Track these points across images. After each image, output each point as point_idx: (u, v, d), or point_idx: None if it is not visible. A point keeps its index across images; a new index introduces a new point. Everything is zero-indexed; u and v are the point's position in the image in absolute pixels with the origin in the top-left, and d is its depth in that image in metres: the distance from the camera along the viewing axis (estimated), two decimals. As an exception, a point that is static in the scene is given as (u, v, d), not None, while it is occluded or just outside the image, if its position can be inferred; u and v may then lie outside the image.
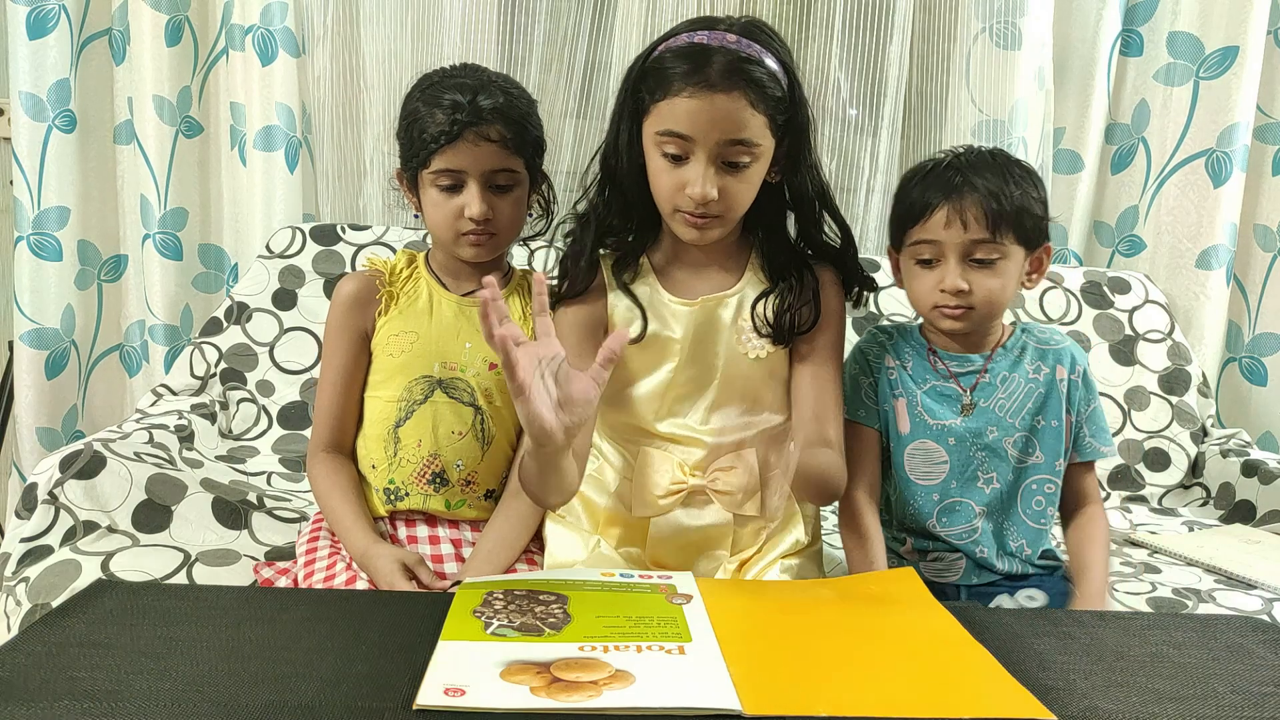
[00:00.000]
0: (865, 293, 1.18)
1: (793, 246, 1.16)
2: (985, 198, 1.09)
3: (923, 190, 1.13)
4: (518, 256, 1.93)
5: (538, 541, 1.19)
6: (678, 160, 1.02)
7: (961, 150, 1.16)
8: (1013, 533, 1.20)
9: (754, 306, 1.12)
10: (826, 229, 1.15)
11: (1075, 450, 1.20)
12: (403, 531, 1.15)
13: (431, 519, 1.18)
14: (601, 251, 1.15)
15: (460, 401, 1.16)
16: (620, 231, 1.14)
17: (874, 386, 1.20)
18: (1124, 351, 1.99)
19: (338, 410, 1.19)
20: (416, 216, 1.21)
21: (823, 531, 1.28)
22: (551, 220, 1.23)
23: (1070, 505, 1.22)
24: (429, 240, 1.29)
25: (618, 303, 1.13)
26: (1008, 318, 1.24)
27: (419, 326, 1.17)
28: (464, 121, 1.09)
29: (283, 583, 1.18)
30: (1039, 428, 1.18)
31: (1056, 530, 1.25)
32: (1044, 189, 1.15)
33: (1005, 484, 1.19)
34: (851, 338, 1.26)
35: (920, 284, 1.15)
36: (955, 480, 1.19)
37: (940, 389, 1.19)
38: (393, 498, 1.15)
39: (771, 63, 1.02)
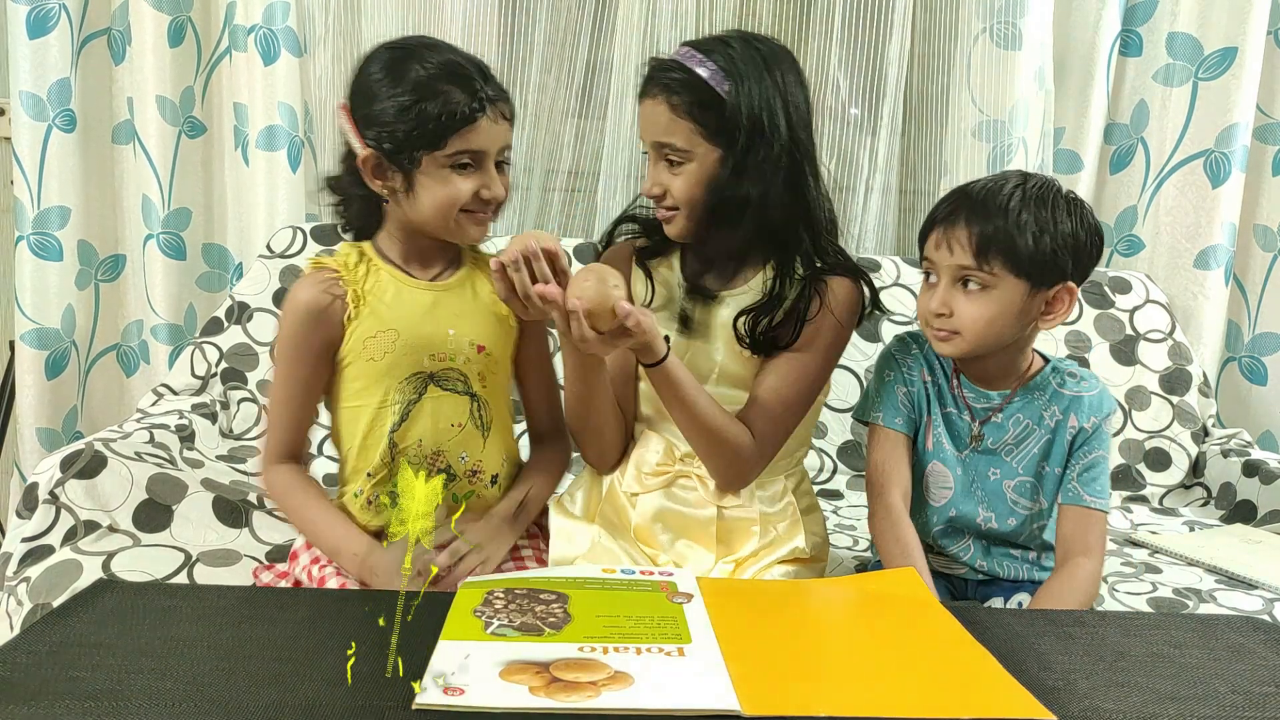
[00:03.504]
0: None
1: (783, 260, 1.15)
2: (974, 224, 1.06)
3: (933, 211, 1.13)
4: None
5: (545, 539, 1.20)
6: (650, 158, 1.15)
7: (993, 176, 1.12)
8: (1009, 567, 1.22)
9: (738, 318, 1.14)
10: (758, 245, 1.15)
11: (1059, 490, 1.17)
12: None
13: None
14: (636, 241, 1.24)
15: (455, 392, 1.12)
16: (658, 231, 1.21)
17: (909, 396, 1.19)
18: (1125, 351, 1.99)
19: (296, 422, 1.13)
20: (383, 202, 1.11)
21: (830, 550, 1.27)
22: None
23: (1058, 553, 1.15)
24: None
25: (637, 277, 1.21)
26: (1051, 347, 1.21)
27: (397, 322, 1.09)
28: (486, 99, 1.05)
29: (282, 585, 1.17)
30: (1044, 474, 1.17)
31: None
32: (1072, 229, 1.07)
33: (1004, 526, 1.19)
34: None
35: (919, 302, 1.14)
36: (955, 509, 1.20)
37: (954, 417, 1.18)
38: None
39: (705, 70, 1.08)
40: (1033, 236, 1.05)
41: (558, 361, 1.21)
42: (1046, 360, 1.19)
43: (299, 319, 1.09)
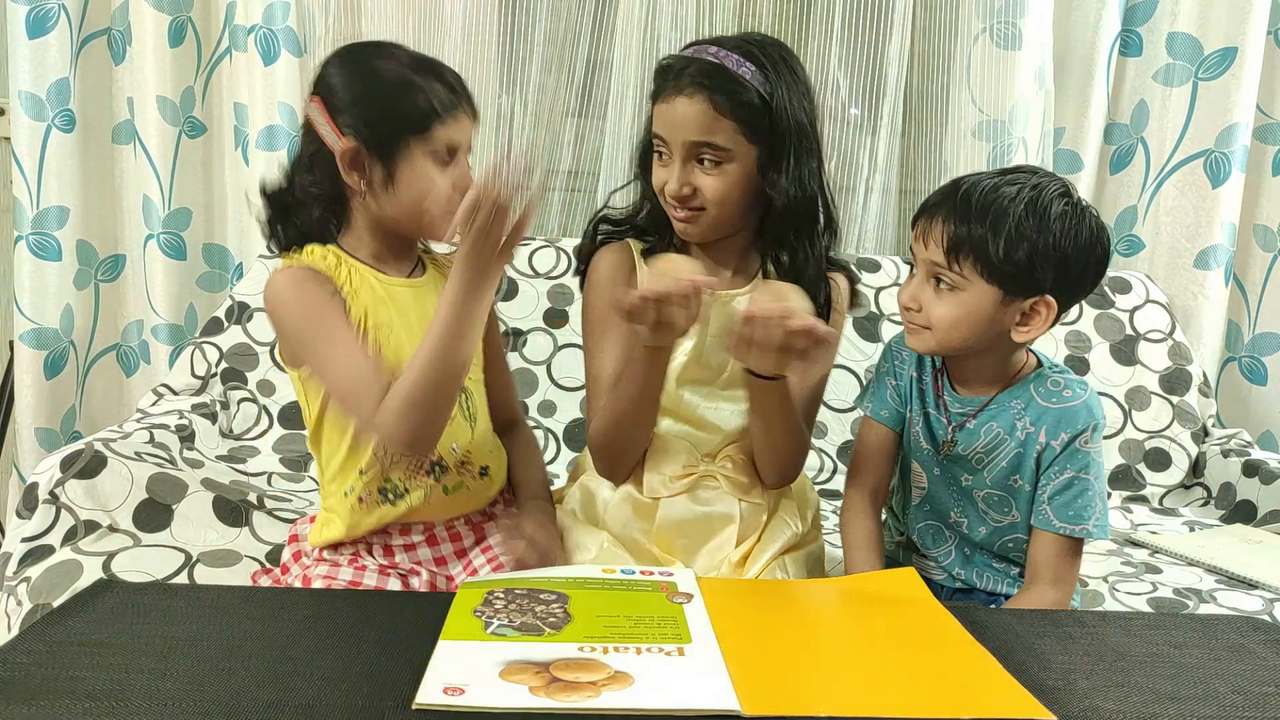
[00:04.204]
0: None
1: (805, 258, 1.16)
2: (950, 221, 1.02)
3: (927, 198, 1.10)
4: (518, 256, 1.93)
5: None
6: (663, 159, 1.13)
7: (1004, 170, 1.08)
8: (989, 578, 1.17)
9: None
10: (806, 244, 1.15)
11: (1032, 511, 1.11)
12: (398, 539, 1.14)
13: (428, 524, 1.16)
14: (629, 240, 1.22)
15: None
16: (652, 230, 1.21)
17: (897, 390, 1.18)
18: (1125, 351, 1.99)
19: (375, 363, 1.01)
20: (348, 203, 1.06)
21: (823, 531, 1.29)
22: None
23: (1026, 576, 1.11)
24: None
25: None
26: (1051, 347, 1.16)
27: (389, 318, 1.07)
28: (463, 93, 1.07)
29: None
30: (1016, 488, 1.11)
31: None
32: (1058, 241, 1.00)
33: (976, 533, 1.15)
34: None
35: (899, 291, 1.12)
36: (930, 505, 1.18)
37: (932, 418, 1.15)
38: (391, 496, 1.10)
39: (746, 71, 1.08)
40: (1008, 242, 0.99)
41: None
42: (1040, 365, 1.13)
43: (309, 278, 1.03)
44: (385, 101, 1.03)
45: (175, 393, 1.76)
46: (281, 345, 1.13)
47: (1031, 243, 0.99)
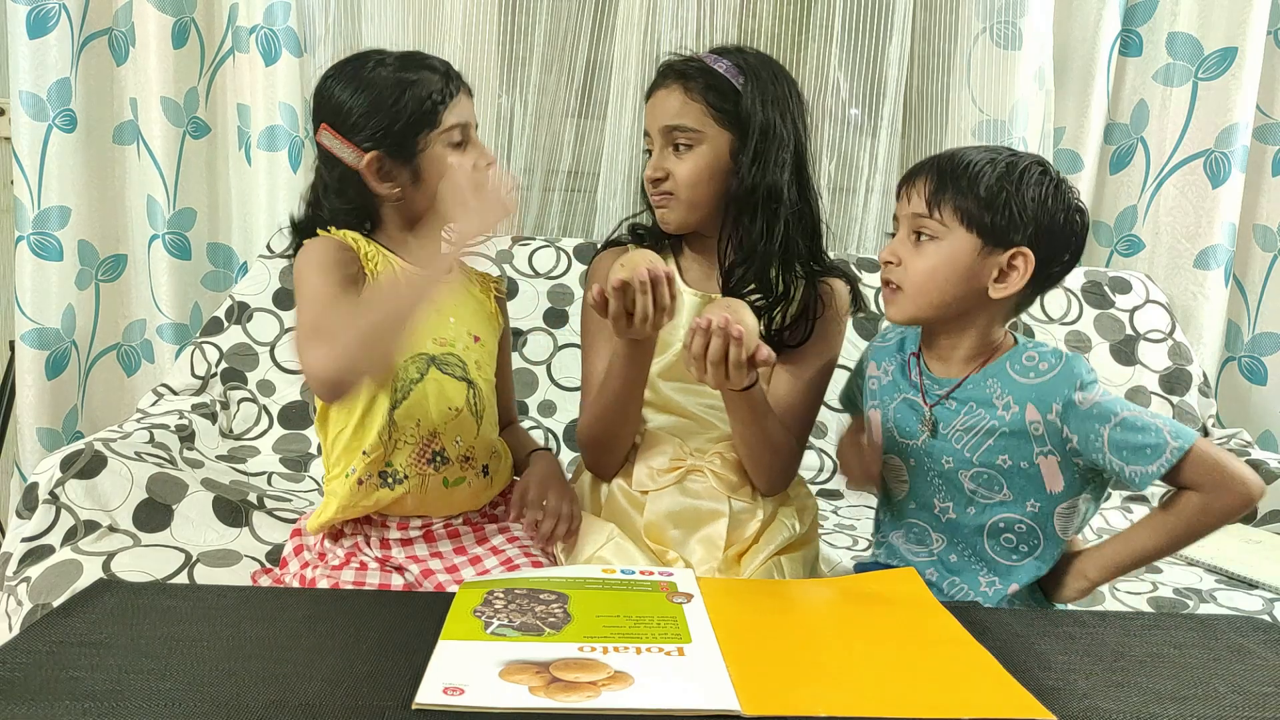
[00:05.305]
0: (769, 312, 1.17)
1: (759, 240, 1.17)
2: (933, 174, 1.05)
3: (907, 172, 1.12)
4: (518, 256, 1.93)
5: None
6: (650, 156, 1.18)
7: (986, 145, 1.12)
8: (980, 568, 1.10)
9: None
10: (765, 229, 1.16)
11: (1129, 486, 1.01)
12: (395, 532, 1.14)
13: (426, 519, 1.17)
14: (632, 246, 1.24)
15: (453, 377, 1.13)
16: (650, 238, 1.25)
17: (859, 390, 1.20)
18: (1125, 351, 1.99)
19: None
20: (376, 210, 1.11)
21: (820, 532, 1.29)
22: None
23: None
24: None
25: None
26: (1050, 332, 1.14)
27: None
28: (457, 75, 1.11)
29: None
30: (1005, 467, 1.05)
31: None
32: (1037, 196, 1.02)
33: (963, 517, 1.09)
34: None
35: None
36: (914, 501, 1.13)
37: (910, 401, 1.12)
38: (390, 480, 1.11)
39: (721, 65, 1.14)
40: (988, 189, 1.02)
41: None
42: (1016, 342, 1.09)
43: (335, 251, 1.06)
44: (391, 106, 1.07)
45: (175, 393, 1.76)
46: None
47: (1010, 192, 1.02)
